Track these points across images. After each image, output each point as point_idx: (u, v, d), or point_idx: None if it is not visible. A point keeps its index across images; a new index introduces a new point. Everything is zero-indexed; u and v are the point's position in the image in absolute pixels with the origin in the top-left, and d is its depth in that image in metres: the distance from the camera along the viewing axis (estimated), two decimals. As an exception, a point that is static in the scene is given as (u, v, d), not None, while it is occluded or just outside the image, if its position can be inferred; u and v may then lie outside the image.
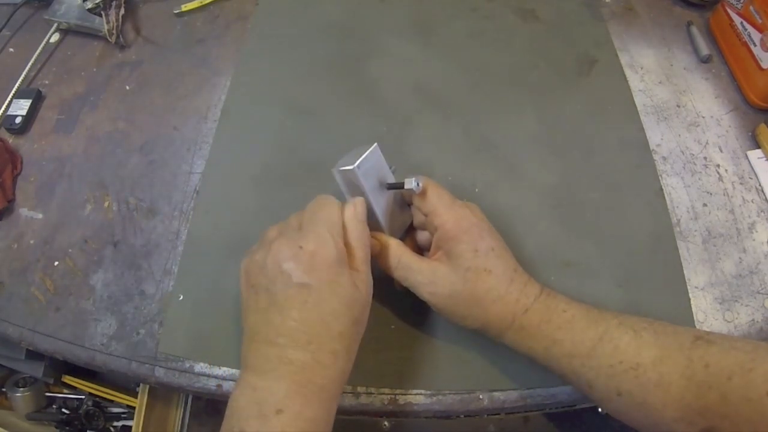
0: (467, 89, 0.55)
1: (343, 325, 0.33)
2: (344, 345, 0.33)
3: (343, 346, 0.33)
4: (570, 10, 0.61)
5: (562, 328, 0.34)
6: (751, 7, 0.53)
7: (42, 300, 0.47)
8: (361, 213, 0.36)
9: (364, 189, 0.37)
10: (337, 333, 0.33)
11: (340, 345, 0.33)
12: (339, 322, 0.33)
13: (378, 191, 0.38)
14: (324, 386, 0.32)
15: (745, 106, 0.54)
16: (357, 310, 0.34)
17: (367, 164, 0.37)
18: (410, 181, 0.36)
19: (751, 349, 0.31)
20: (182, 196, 0.50)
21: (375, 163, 0.38)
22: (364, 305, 0.35)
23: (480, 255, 0.35)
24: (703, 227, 0.47)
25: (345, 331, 0.33)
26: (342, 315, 0.33)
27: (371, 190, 0.38)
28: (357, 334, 0.35)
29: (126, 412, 0.77)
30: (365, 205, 0.37)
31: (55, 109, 0.58)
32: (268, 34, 0.61)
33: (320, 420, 0.32)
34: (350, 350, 0.34)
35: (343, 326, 0.33)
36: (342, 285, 0.33)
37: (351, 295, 0.33)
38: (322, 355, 0.32)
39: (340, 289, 0.33)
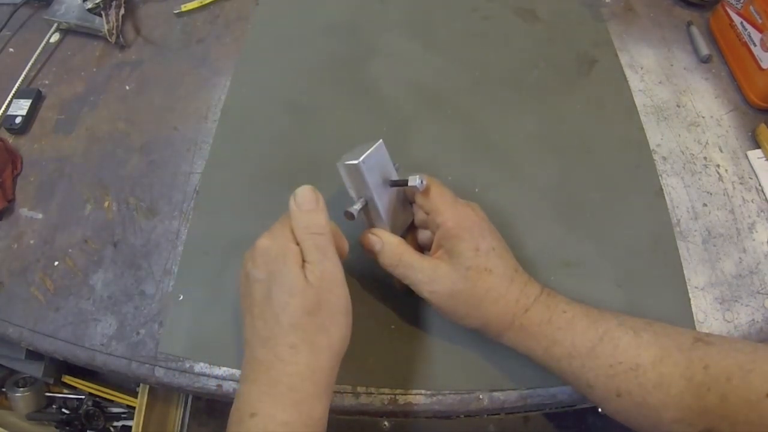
0: (467, 89, 0.55)
1: (293, 316, 0.32)
2: (301, 337, 0.32)
3: (299, 339, 0.32)
4: (570, 10, 0.61)
5: (562, 329, 0.34)
6: (751, 7, 0.53)
7: (42, 300, 0.47)
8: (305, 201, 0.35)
9: (368, 184, 0.37)
10: (288, 325, 0.32)
11: (296, 337, 0.32)
12: (287, 314, 0.32)
13: (381, 188, 0.38)
14: (292, 386, 0.31)
15: (745, 106, 0.54)
16: (308, 300, 0.32)
17: (372, 160, 0.37)
18: (414, 178, 0.36)
19: (751, 350, 0.31)
20: (182, 196, 0.50)
21: (379, 160, 0.38)
22: (317, 293, 0.33)
23: (481, 254, 0.35)
24: (703, 227, 0.47)
25: (297, 323, 0.32)
26: (289, 306, 0.32)
27: (375, 186, 0.38)
28: (318, 326, 0.33)
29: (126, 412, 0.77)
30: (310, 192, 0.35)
31: (55, 109, 0.58)
32: (268, 34, 0.61)
33: (295, 423, 0.31)
34: (314, 344, 0.32)
35: (292, 317, 0.32)
36: (284, 275, 0.33)
37: (295, 285, 0.32)
38: (280, 350, 0.32)
39: (283, 279, 0.33)
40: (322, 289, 0.33)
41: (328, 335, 0.33)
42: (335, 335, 0.33)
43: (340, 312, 0.34)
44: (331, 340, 0.33)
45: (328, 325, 0.33)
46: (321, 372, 0.33)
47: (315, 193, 0.36)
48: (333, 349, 0.33)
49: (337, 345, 0.34)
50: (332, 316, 0.34)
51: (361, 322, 0.42)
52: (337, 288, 0.34)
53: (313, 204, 0.35)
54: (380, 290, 0.43)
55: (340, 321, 0.34)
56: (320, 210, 0.35)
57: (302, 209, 0.35)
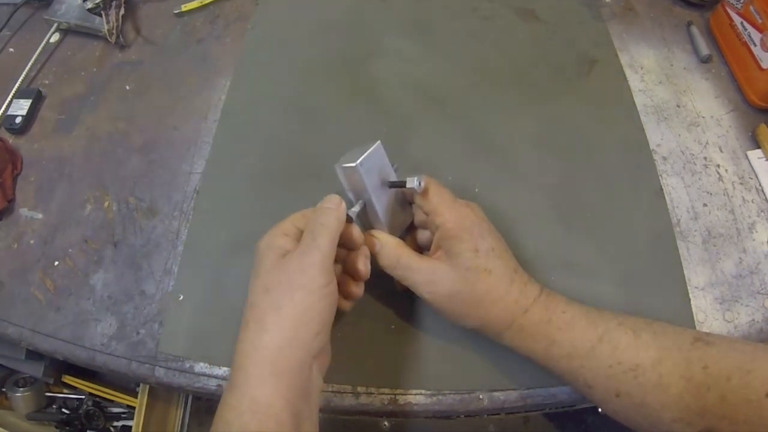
0: (467, 89, 0.55)
1: (254, 294, 0.33)
2: (253, 314, 0.33)
3: (251, 316, 0.33)
4: (570, 10, 0.61)
5: (562, 329, 0.34)
6: (751, 7, 0.53)
7: (42, 300, 0.47)
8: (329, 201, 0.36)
9: (365, 186, 0.37)
10: (249, 303, 0.34)
11: (250, 315, 0.33)
12: (251, 292, 0.34)
13: (380, 189, 0.38)
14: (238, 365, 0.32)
15: (745, 106, 0.54)
16: (270, 278, 0.33)
17: (370, 162, 0.37)
18: (412, 179, 0.36)
19: (750, 350, 0.31)
20: (182, 196, 0.50)
21: (377, 161, 0.38)
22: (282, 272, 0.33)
23: (480, 255, 0.35)
24: (703, 227, 0.47)
25: (254, 300, 0.33)
26: (254, 283, 0.34)
27: (373, 188, 0.38)
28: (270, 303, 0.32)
29: (126, 412, 0.77)
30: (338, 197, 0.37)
31: (55, 109, 0.58)
32: (268, 34, 0.61)
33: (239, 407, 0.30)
34: (262, 320, 0.32)
35: (253, 295, 0.33)
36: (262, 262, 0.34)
37: (266, 267, 0.34)
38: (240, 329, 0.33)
39: (259, 265, 0.35)
40: (291, 269, 0.33)
41: (279, 313, 0.32)
42: (286, 315, 0.32)
43: (300, 290, 0.32)
44: (281, 317, 0.32)
45: (283, 302, 0.32)
46: (264, 351, 0.31)
47: (340, 200, 0.36)
48: (280, 330, 0.31)
49: (286, 325, 0.32)
50: (289, 292, 0.32)
51: (361, 322, 0.42)
52: (311, 269, 0.33)
53: (332, 204, 0.36)
54: (380, 290, 0.43)
55: (297, 300, 0.32)
56: (335, 210, 0.36)
57: (323, 206, 0.36)
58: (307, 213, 0.37)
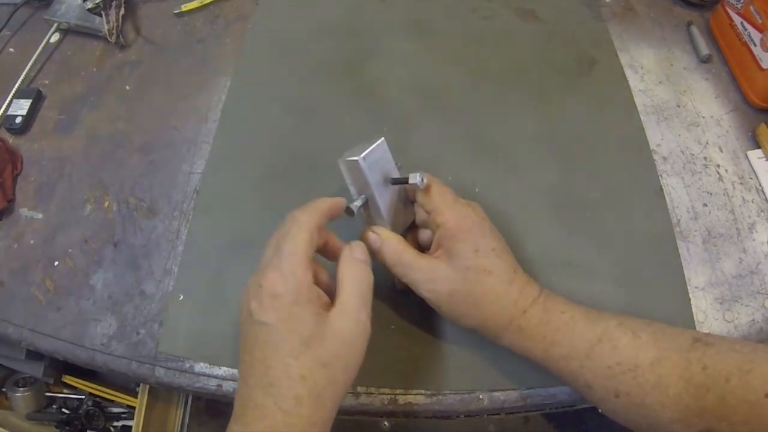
0: (467, 89, 0.55)
1: (305, 367, 0.30)
2: (309, 389, 0.30)
3: (307, 391, 0.30)
4: (570, 10, 0.61)
5: (561, 330, 0.34)
6: (751, 7, 0.53)
7: (42, 300, 0.47)
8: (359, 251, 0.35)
9: (368, 181, 0.37)
10: (298, 376, 0.30)
11: (304, 389, 0.30)
12: (299, 363, 0.30)
13: (382, 185, 0.38)
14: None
15: (745, 106, 0.54)
16: (325, 351, 0.31)
17: (373, 157, 0.37)
18: (414, 176, 0.36)
19: (750, 350, 0.31)
20: (182, 196, 0.50)
21: (381, 157, 0.38)
22: (338, 346, 0.31)
23: (480, 255, 0.35)
24: (703, 227, 0.47)
25: (308, 375, 0.30)
26: (302, 355, 0.30)
27: (375, 184, 0.38)
28: (329, 379, 0.31)
29: (126, 412, 0.77)
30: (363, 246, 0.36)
31: (55, 109, 0.58)
32: (268, 34, 0.61)
33: None
34: (320, 397, 0.30)
35: (304, 368, 0.30)
36: (302, 322, 0.31)
37: (314, 334, 0.31)
38: (283, 401, 0.29)
39: (299, 327, 0.31)
40: (346, 339, 0.32)
41: (336, 388, 0.31)
42: (343, 387, 0.32)
43: (356, 365, 0.32)
44: (337, 392, 0.31)
45: (340, 377, 0.31)
46: (321, 425, 0.31)
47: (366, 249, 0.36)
48: (337, 401, 0.32)
49: (341, 395, 0.32)
50: (346, 369, 0.32)
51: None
52: (360, 339, 0.32)
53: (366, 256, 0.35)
54: (380, 290, 0.43)
55: (351, 373, 0.32)
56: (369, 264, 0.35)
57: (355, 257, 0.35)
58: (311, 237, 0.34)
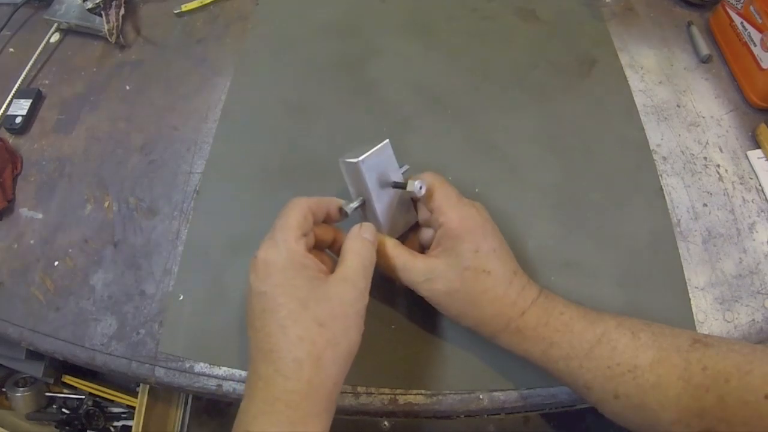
0: (467, 89, 0.55)
1: (302, 328, 0.30)
2: (307, 351, 0.30)
3: (306, 353, 0.30)
4: (570, 10, 0.61)
5: (560, 331, 0.34)
6: (751, 7, 0.53)
7: (42, 300, 0.47)
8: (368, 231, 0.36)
9: (366, 183, 0.37)
10: (296, 337, 0.30)
11: (302, 351, 0.30)
12: (297, 325, 0.30)
13: (382, 188, 0.38)
14: (290, 403, 0.29)
15: (745, 106, 0.54)
16: (321, 310, 0.31)
17: (374, 160, 0.37)
18: (412, 183, 0.36)
19: (749, 351, 0.31)
20: (182, 196, 0.50)
21: (383, 160, 0.38)
22: (334, 305, 0.32)
23: (481, 255, 0.35)
24: (703, 227, 0.47)
25: (305, 335, 0.30)
26: (298, 316, 0.31)
27: (374, 186, 0.38)
28: (328, 340, 0.31)
29: (126, 412, 0.77)
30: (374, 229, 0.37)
31: (55, 109, 0.58)
32: (268, 34, 0.61)
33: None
34: (320, 359, 0.30)
35: (301, 329, 0.30)
36: (296, 285, 0.32)
37: (309, 295, 0.31)
38: (283, 365, 0.30)
39: (295, 290, 0.31)
40: (344, 302, 0.32)
41: (336, 350, 0.31)
42: (343, 350, 0.32)
43: (354, 327, 0.32)
44: (338, 354, 0.31)
45: (340, 338, 0.31)
46: (323, 389, 0.31)
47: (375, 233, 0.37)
48: (338, 365, 0.31)
49: (343, 361, 0.32)
50: (345, 330, 0.32)
51: (361, 322, 0.42)
52: (358, 304, 0.33)
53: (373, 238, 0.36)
54: (380, 290, 0.43)
55: (352, 336, 0.32)
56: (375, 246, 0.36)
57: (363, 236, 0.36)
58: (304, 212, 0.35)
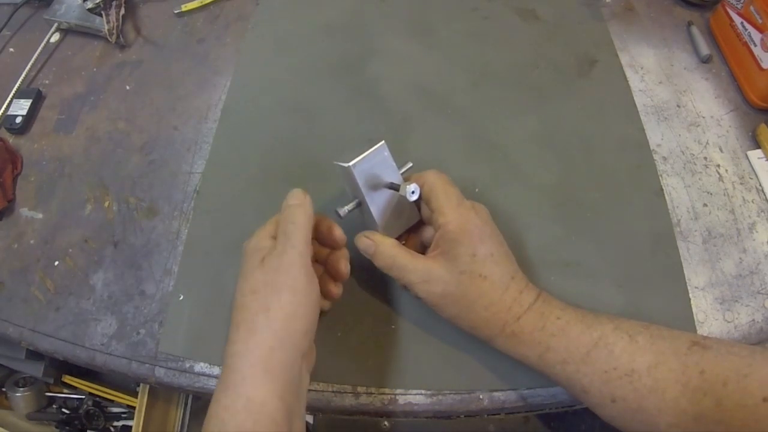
0: (467, 89, 0.55)
1: (242, 296, 0.34)
2: (242, 316, 0.33)
3: (241, 318, 0.33)
4: (570, 10, 0.61)
5: (556, 335, 0.34)
6: (751, 7, 0.53)
7: (42, 300, 0.47)
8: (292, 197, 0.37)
9: (359, 186, 0.37)
10: (238, 305, 0.34)
11: (240, 317, 0.33)
12: (238, 294, 0.34)
13: (377, 189, 0.38)
14: (232, 367, 0.32)
15: (746, 106, 0.54)
16: (256, 280, 0.34)
17: (367, 163, 0.37)
18: (405, 187, 0.36)
19: (748, 354, 0.31)
20: (182, 196, 0.50)
21: (379, 162, 0.38)
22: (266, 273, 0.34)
23: (477, 260, 0.35)
24: (703, 227, 0.47)
25: (242, 302, 0.33)
26: (241, 285, 0.34)
27: (368, 188, 0.38)
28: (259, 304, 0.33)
29: (126, 412, 0.77)
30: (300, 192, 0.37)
31: (55, 109, 0.58)
32: (268, 34, 0.61)
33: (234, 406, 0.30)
34: (252, 322, 0.32)
35: (241, 297, 0.34)
36: (247, 265, 0.35)
37: (251, 268, 0.34)
38: (230, 332, 0.33)
39: (245, 268, 0.35)
40: (273, 269, 0.34)
41: (268, 314, 0.32)
42: (276, 315, 0.32)
43: (285, 290, 0.33)
44: (270, 318, 0.32)
45: (271, 303, 0.33)
46: (258, 350, 0.32)
47: (303, 193, 0.37)
48: (272, 330, 0.32)
49: (277, 325, 0.32)
50: (276, 293, 0.33)
51: (362, 322, 0.42)
52: (291, 269, 0.34)
53: (297, 200, 0.37)
54: (380, 290, 0.43)
55: (284, 299, 0.33)
56: (301, 206, 0.36)
57: (288, 203, 0.37)
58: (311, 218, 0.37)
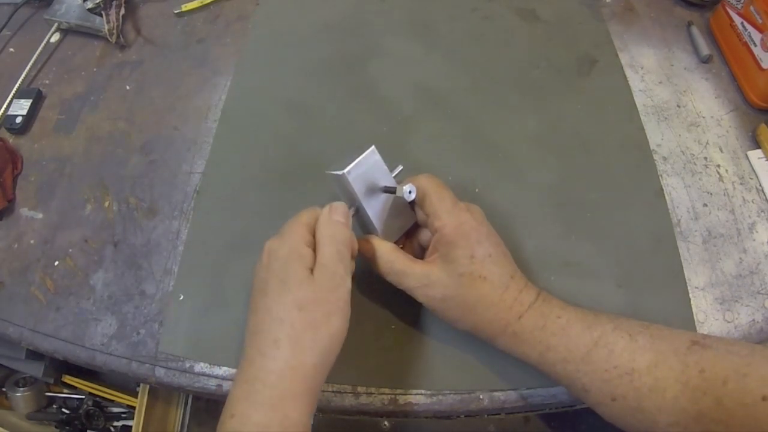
0: (467, 89, 0.55)
1: (285, 310, 0.32)
2: (286, 332, 0.31)
3: (285, 334, 0.31)
4: (570, 10, 0.61)
5: (557, 335, 0.34)
6: (751, 7, 0.53)
7: (42, 300, 0.47)
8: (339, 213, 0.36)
9: (355, 193, 0.37)
10: (277, 318, 0.32)
11: (282, 332, 0.31)
12: (279, 305, 0.32)
13: (372, 194, 0.38)
14: (269, 383, 0.31)
15: (746, 106, 0.54)
16: (304, 295, 0.32)
17: (361, 168, 0.37)
18: (401, 188, 0.36)
19: (747, 353, 0.31)
20: (182, 196, 0.50)
21: (371, 167, 0.38)
22: (316, 291, 0.33)
23: (476, 261, 0.35)
24: (703, 227, 0.47)
25: (285, 317, 0.32)
26: (283, 298, 0.32)
27: (364, 194, 0.37)
28: (308, 323, 0.32)
29: (126, 412, 0.77)
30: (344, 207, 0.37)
31: (55, 109, 0.58)
32: (268, 34, 0.61)
33: (270, 423, 0.30)
34: (298, 340, 0.31)
35: (283, 311, 0.32)
36: (290, 274, 0.33)
37: (295, 279, 0.33)
38: (263, 345, 0.31)
39: (287, 277, 0.33)
40: (324, 287, 0.33)
41: (315, 334, 0.32)
42: (323, 335, 0.32)
43: (336, 313, 0.33)
44: (317, 339, 0.32)
45: (320, 323, 0.32)
46: (302, 370, 0.31)
47: (347, 211, 0.37)
48: (318, 349, 0.32)
49: (323, 345, 0.32)
50: (326, 315, 0.33)
51: (362, 322, 0.42)
52: (340, 290, 0.34)
53: (345, 218, 0.36)
54: (380, 290, 0.43)
55: (333, 322, 0.33)
56: (347, 224, 0.36)
57: (333, 218, 0.36)
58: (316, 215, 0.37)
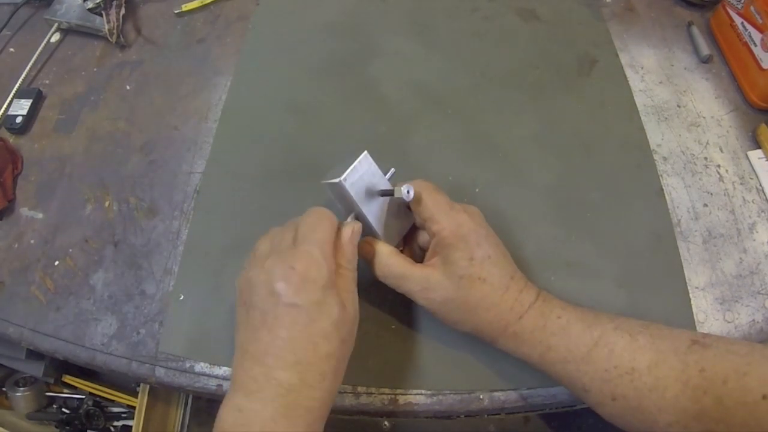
0: (467, 89, 0.55)
1: (332, 346, 0.33)
2: (332, 366, 0.33)
3: (330, 367, 0.33)
4: (570, 10, 0.61)
5: (557, 335, 0.34)
6: (751, 8, 0.53)
7: (42, 300, 0.47)
8: (357, 235, 0.36)
9: (353, 200, 0.37)
10: (325, 354, 0.32)
11: (328, 366, 0.32)
12: (328, 343, 0.32)
13: (370, 199, 0.38)
14: (311, 408, 0.32)
15: (746, 107, 0.54)
16: (345, 331, 0.33)
17: (356, 174, 0.37)
18: (399, 189, 0.36)
19: (747, 352, 0.31)
20: (183, 196, 0.50)
21: (366, 172, 0.38)
22: (351, 325, 0.34)
23: (475, 263, 0.35)
24: (703, 227, 0.47)
25: (333, 352, 0.33)
26: (331, 335, 0.33)
27: (361, 200, 0.37)
28: (344, 355, 0.34)
29: (126, 412, 0.77)
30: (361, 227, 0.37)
31: (55, 109, 0.58)
32: (268, 34, 0.61)
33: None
34: (338, 371, 0.34)
35: (332, 347, 0.33)
36: (330, 305, 0.33)
37: (339, 316, 0.33)
38: (309, 377, 0.32)
39: (329, 309, 0.33)
40: (354, 322, 0.35)
41: (347, 361, 0.35)
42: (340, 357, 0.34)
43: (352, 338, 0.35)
44: (337, 364, 0.34)
45: (339, 349, 0.34)
46: (327, 396, 0.33)
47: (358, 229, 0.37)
48: (337, 372, 0.34)
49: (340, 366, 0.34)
50: (345, 342, 0.34)
51: (362, 322, 0.42)
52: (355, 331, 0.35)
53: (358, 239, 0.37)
54: (380, 290, 0.43)
55: (348, 347, 0.35)
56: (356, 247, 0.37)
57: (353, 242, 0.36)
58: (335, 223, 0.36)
